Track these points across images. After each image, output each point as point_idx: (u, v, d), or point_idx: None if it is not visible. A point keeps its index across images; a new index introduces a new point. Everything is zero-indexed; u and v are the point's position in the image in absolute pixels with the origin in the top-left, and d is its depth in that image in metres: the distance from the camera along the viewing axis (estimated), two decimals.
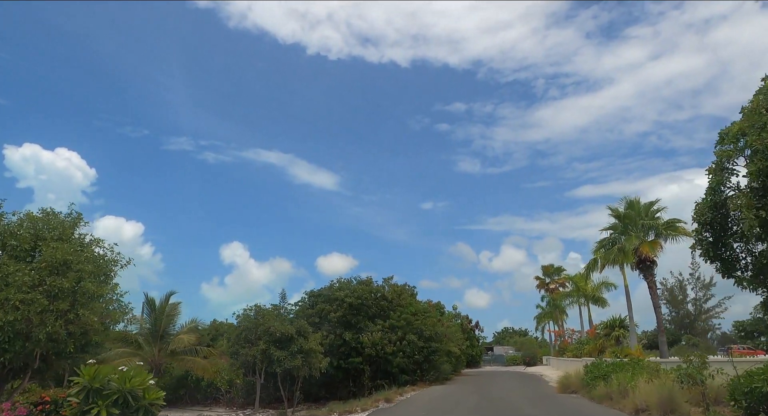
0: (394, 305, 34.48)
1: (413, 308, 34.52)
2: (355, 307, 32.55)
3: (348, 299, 32.31)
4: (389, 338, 32.08)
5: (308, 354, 24.14)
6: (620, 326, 36.07)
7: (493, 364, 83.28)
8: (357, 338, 31.53)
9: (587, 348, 41.50)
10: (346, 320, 32.43)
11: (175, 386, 33.90)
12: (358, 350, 31.49)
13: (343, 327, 32.20)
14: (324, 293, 33.79)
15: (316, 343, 24.65)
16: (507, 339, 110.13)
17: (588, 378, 21.42)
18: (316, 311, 32.89)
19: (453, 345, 37.50)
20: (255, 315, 28.01)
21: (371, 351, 31.22)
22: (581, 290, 47.82)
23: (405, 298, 35.04)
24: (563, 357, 56.05)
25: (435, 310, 37.04)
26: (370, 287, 33.82)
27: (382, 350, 31.60)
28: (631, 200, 26.91)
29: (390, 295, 34.54)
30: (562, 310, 67.54)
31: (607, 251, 26.77)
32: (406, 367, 31.83)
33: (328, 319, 32.02)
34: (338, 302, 32.74)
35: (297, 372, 24.22)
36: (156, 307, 31.53)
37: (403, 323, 33.04)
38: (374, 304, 33.86)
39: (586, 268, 33.73)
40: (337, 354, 31.24)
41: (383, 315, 33.96)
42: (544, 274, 75.89)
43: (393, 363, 31.34)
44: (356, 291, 32.91)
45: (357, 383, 32.24)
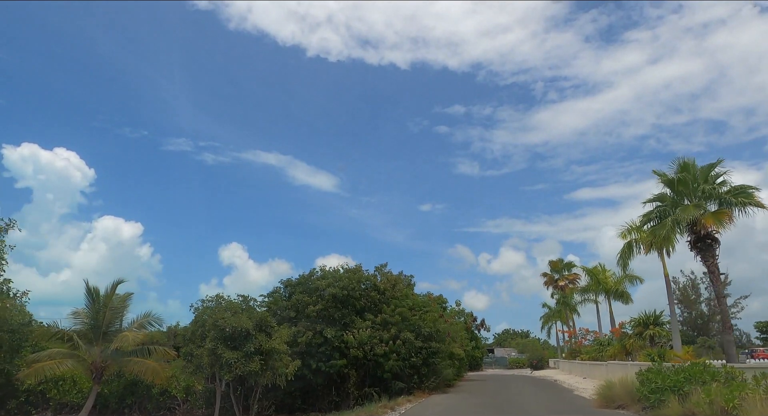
0: (387, 298, 28.77)
1: (410, 302, 28.82)
2: (339, 299, 26.83)
3: (331, 289, 26.61)
4: (380, 336, 26.37)
5: (269, 355, 18.41)
6: (655, 323, 30.48)
7: (494, 367, 78.92)
8: (341, 336, 25.80)
9: (611, 350, 35.81)
10: (328, 314, 26.70)
11: (121, 394, 28.12)
12: (342, 350, 25.78)
13: (325, 322, 26.48)
14: (302, 283, 28.06)
15: (280, 341, 18.91)
16: (508, 341, 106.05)
17: (646, 389, 15.77)
18: (292, 303, 27.16)
19: (456, 346, 31.81)
20: (215, 306, 22.34)
21: (358, 352, 25.50)
22: (601, 283, 42.13)
23: (400, 289, 29.34)
24: (576, 360, 50.47)
25: (436, 304, 31.41)
26: (359, 276, 28.09)
27: (371, 351, 25.90)
28: (685, 162, 21.15)
29: (382, 285, 28.82)
30: (572, 308, 61.92)
31: (656, 227, 21.10)
32: (401, 372, 26.13)
33: (306, 313, 26.30)
34: (319, 292, 27.01)
35: (255, 379, 18.53)
36: (99, 298, 25.79)
37: (397, 318, 27.34)
38: (363, 296, 28.15)
39: (621, 254, 28.01)
40: (316, 355, 25.53)
41: (374, 309, 28.25)
42: (552, 270, 70.31)
43: (384, 366, 25.65)
44: (341, 280, 27.19)
45: (341, 391, 26.52)
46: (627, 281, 41.29)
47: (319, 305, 26.27)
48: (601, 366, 35.62)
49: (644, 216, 22.85)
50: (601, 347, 40.79)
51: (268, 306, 27.57)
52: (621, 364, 29.41)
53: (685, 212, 20.16)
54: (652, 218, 22.32)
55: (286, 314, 26.86)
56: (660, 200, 22.61)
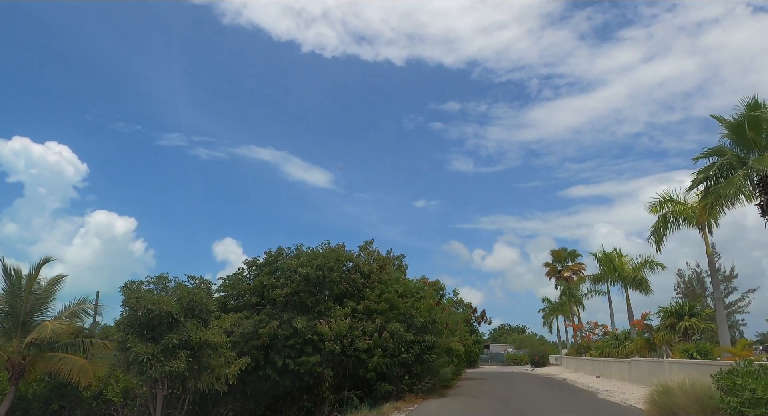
0: (373, 282, 23.79)
1: (401, 286, 23.84)
2: (313, 281, 21.81)
3: (303, 269, 21.56)
4: (363, 327, 21.43)
5: (202, 349, 13.38)
6: (691, 313, 25.74)
7: (491, 363, 75.16)
8: (314, 326, 20.80)
9: (632, 345, 31.07)
10: (299, 300, 21.69)
11: (47, 397, 22.90)
12: (316, 344, 20.80)
13: (295, 309, 21.47)
14: (270, 262, 23.01)
15: (219, 332, 13.79)
16: (504, 337, 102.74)
17: (736, 400, 10.92)
18: (255, 286, 22.13)
19: (455, 340, 26.90)
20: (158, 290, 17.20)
21: (334, 347, 20.54)
22: (617, 270, 37.33)
23: (389, 272, 24.37)
24: (583, 357, 45.78)
25: (432, 290, 26.53)
26: (338, 254, 23.07)
27: (351, 345, 20.95)
28: (755, 101, 16.12)
29: (367, 267, 23.83)
30: (578, 301, 57.28)
31: (717, 187, 16.22)
32: (388, 371, 21.20)
33: (271, 298, 21.28)
34: (288, 273, 21.98)
35: (182, 382, 13.50)
36: (20, 281, 20.71)
37: (384, 306, 22.40)
38: (344, 278, 23.16)
39: (654, 229, 23.24)
40: (283, 350, 20.56)
41: (356, 295, 23.29)
42: (555, 260, 65.73)
43: (368, 364, 20.72)
44: (316, 259, 22.17)
45: (314, 395, 21.54)
46: (647, 268, 36.52)
47: (288, 289, 21.24)
48: (621, 364, 30.83)
49: (698, 174, 17.95)
50: (617, 342, 36.02)
51: (225, 291, 22.54)
52: (652, 362, 24.63)
53: (763, 162, 15.29)
54: (710, 177, 17.46)
55: (246, 299, 21.83)
56: (718, 154, 17.78)
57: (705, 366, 18.10)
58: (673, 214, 23.64)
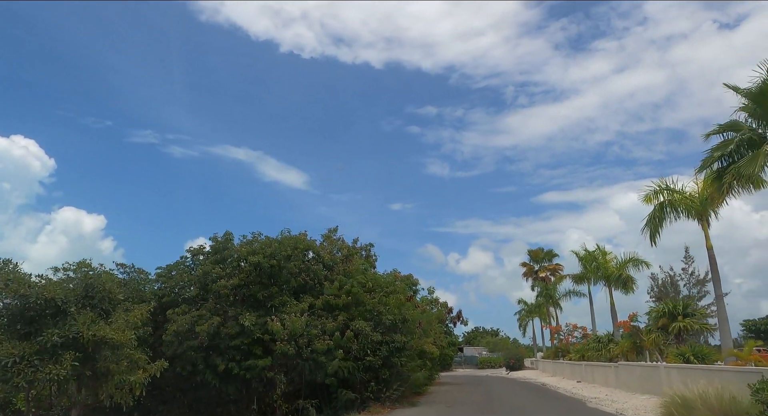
0: (336, 274, 20.84)
1: (368, 279, 20.91)
2: (266, 272, 18.77)
3: (253, 258, 18.48)
4: (322, 325, 18.45)
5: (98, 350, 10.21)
6: (684, 313, 23.59)
7: (465, 366, 72.80)
8: (264, 324, 17.72)
9: (618, 349, 28.78)
10: (248, 293, 18.61)
11: None
12: (266, 345, 17.74)
13: (243, 304, 18.38)
14: (217, 249, 19.83)
15: (121, 330, 10.53)
16: (478, 339, 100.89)
17: None
18: (196, 277, 18.94)
19: (429, 341, 24.10)
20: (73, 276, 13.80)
21: (288, 348, 17.50)
22: (601, 268, 35.18)
23: (356, 263, 21.42)
24: (562, 360, 43.63)
25: (405, 285, 23.67)
26: (296, 241, 20.04)
27: (308, 346, 17.95)
28: None
29: (329, 257, 20.87)
30: (555, 302, 55.26)
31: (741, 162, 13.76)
32: (351, 376, 18.25)
33: (214, 290, 18.13)
34: (236, 262, 18.87)
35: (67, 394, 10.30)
36: None
37: (348, 300, 19.48)
38: (302, 270, 20.13)
39: (650, 220, 20.98)
40: (226, 351, 17.47)
41: (315, 289, 20.30)
42: (532, 259, 63.73)
43: (327, 368, 17.74)
44: (270, 247, 19.12)
45: (264, 404, 18.45)
46: (631, 266, 34.44)
47: (236, 280, 18.13)
48: (606, 368, 28.52)
49: (713, 152, 15.52)
50: (600, 344, 33.80)
51: (162, 282, 19.28)
52: (645, 367, 22.29)
53: None
54: (725, 156, 15.07)
55: (186, 292, 18.62)
56: (733, 129, 15.47)
57: (714, 372, 15.71)
58: (671, 203, 21.42)
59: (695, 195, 21.88)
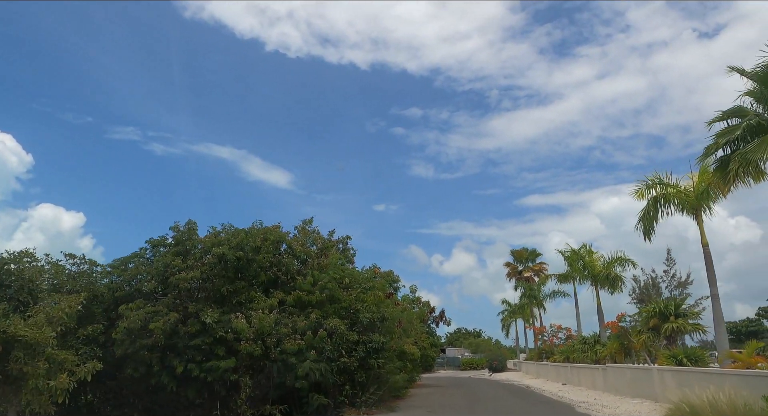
0: (310, 268, 19.29)
1: (344, 274, 19.39)
2: (231, 264, 17.13)
3: (218, 249, 16.84)
4: (293, 324, 16.88)
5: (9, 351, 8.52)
6: (676, 314, 22.57)
7: (447, 368, 71.82)
8: (228, 322, 16.09)
9: (606, 350, 27.72)
10: (212, 287, 17.01)
11: None
12: (230, 345, 16.11)
13: (205, 300, 16.74)
14: (180, 240, 18.12)
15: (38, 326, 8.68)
16: (460, 341, 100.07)
17: None
18: (155, 269, 17.22)
19: (409, 342, 22.67)
20: None
21: (253, 348, 15.90)
22: (587, 267, 34.17)
23: (332, 257, 19.87)
24: (546, 362, 42.62)
25: (384, 282, 22.13)
26: (266, 232, 18.43)
27: (277, 345, 16.37)
28: None
29: (302, 249, 19.31)
30: (540, 302, 54.37)
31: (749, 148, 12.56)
32: (323, 380, 16.69)
33: (174, 284, 16.44)
34: (199, 254, 17.22)
35: None
36: None
37: (322, 297, 17.94)
38: (275, 264, 18.54)
39: (643, 216, 19.98)
40: (185, 351, 15.81)
41: (287, 285, 18.72)
42: (516, 260, 62.81)
43: (298, 370, 16.17)
44: (236, 238, 17.50)
45: (227, 409, 16.78)
46: (618, 265, 33.49)
47: (197, 272, 16.46)
48: (593, 371, 27.40)
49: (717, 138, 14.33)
50: (586, 346, 32.78)
51: (117, 275, 17.52)
52: (636, 369, 21.13)
53: None
54: (731, 142, 13.90)
55: (143, 286, 16.90)
56: (737, 115, 14.35)
57: (714, 376, 14.56)
58: (665, 197, 20.35)
59: (690, 189, 20.90)
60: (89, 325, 15.49)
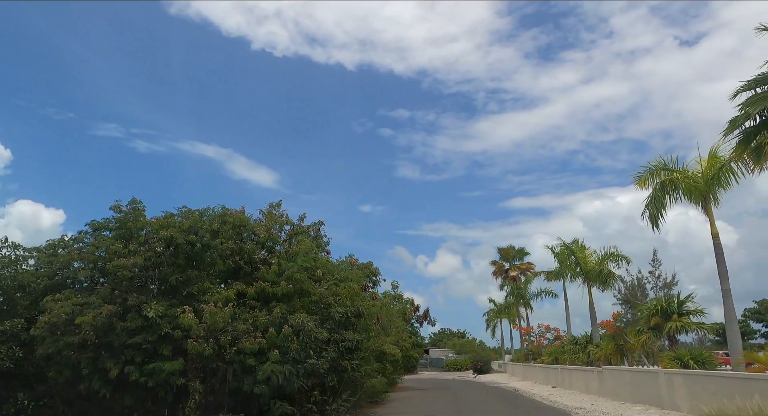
0: (277, 257, 16.97)
1: (316, 264, 17.07)
2: (183, 250, 14.74)
3: (165, 232, 14.43)
4: (253, 319, 14.56)
5: None
6: (679, 312, 20.76)
7: (430, 369, 70.22)
8: (174, 317, 13.69)
9: (600, 352, 25.85)
10: (157, 276, 14.56)
11: None
12: (178, 343, 13.73)
13: (149, 291, 14.31)
14: (121, 221, 15.64)
15: None
16: (444, 341, 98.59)
17: None
18: (92, 256, 14.74)
19: (389, 341, 20.44)
20: None
21: (204, 347, 13.54)
22: (580, 264, 32.32)
23: (303, 245, 17.50)
24: (533, 363, 40.85)
25: (362, 274, 19.78)
26: (224, 214, 16.07)
27: (233, 344, 14.04)
28: None
29: (266, 235, 16.99)
30: (527, 302, 52.60)
31: None
32: (288, 384, 14.38)
33: (111, 272, 14.00)
34: (144, 238, 14.80)
35: None
36: None
37: (289, 289, 15.65)
38: (236, 251, 16.19)
39: (650, 203, 18.16)
40: (123, 351, 13.39)
41: (251, 275, 16.38)
42: (503, 258, 60.94)
43: (257, 373, 13.86)
44: (188, 220, 15.12)
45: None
46: (611, 262, 31.67)
47: (138, 259, 14.02)
48: (587, 373, 25.49)
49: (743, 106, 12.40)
50: (577, 347, 30.94)
51: (45, 262, 15.00)
52: (638, 372, 19.18)
53: None
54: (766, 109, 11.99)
55: (76, 274, 14.43)
56: (766, 83, 12.43)
57: (737, 381, 12.63)
58: (672, 182, 18.48)
59: (698, 175, 19.07)
60: (8, 320, 13.03)
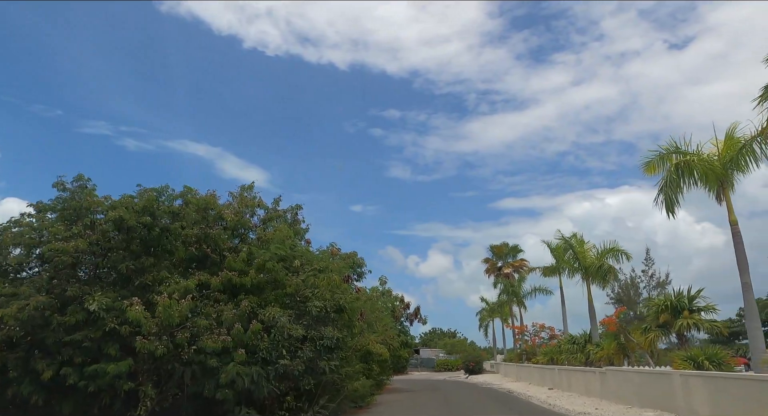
0: (248, 244, 15.04)
1: (294, 253, 15.14)
2: (138, 236, 12.76)
3: (114, 213, 12.45)
4: (217, 314, 12.64)
5: None
6: (690, 308, 19.13)
7: (421, 369, 68.64)
8: (122, 310, 11.73)
9: (601, 352, 24.16)
10: (105, 263, 12.58)
11: None
12: (125, 341, 11.77)
13: (96, 281, 12.33)
14: (65, 201, 13.61)
15: None
16: (435, 341, 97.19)
17: None
18: (27, 239, 12.73)
19: (374, 340, 18.54)
20: None
21: (155, 346, 11.58)
22: (578, 257, 30.65)
23: (278, 231, 15.56)
24: (527, 363, 39.18)
25: (345, 265, 17.76)
26: (187, 193, 14.14)
27: (191, 343, 12.10)
28: None
29: (234, 219, 15.04)
30: (520, 300, 50.98)
31: None
32: (256, 388, 12.48)
33: (48, 257, 12.01)
34: (90, 219, 12.81)
35: None
36: None
37: (260, 279, 13.75)
38: (203, 237, 14.24)
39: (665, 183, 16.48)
40: (61, 349, 11.41)
41: (215, 264, 14.44)
42: (495, 256, 59.36)
43: (219, 376, 11.94)
44: (143, 200, 13.15)
45: None
46: (611, 257, 30.04)
47: (80, 243, 12.04)
48: (589, 374, 23.73)
49: None
50: (576, 346, 29.29)
51: None
52: (648, 374, 17.47)
53: None
54: None
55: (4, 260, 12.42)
56: None
57: None
58: (687, 164, 16.83)
59: (713, 157, 17.44)
60: None
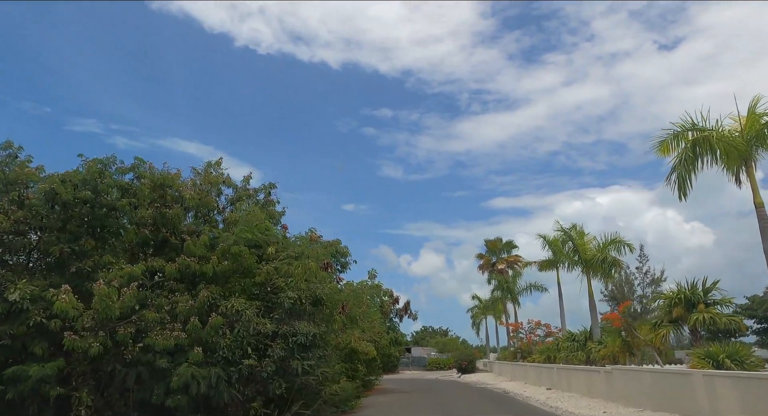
0: (212, 228, 13.10)
1: (262, 237, 13.19)
2: (78, 214, 10.76)
3: (44, 185, 10.47)
4: (172, 304, 10.70)
5: None
6: (706, 301, 17.46)
7: (412, 368, 66.99)
8: (50, 300, 9.75)
9: (605, 350, 22.45)
10: (37, 247, 10.58)
11: None
12: (56, 337, 9.78)
13: (20, 266, 10.35)
14: None
15: None
16: (427, 339, 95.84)
17: None
18: None
19: (357, 336, 16.64)
20: None
21: (88, 344, 9.62)
22: (579, 251, 28.93)
23: (252, 215, 13.58)
24: (523, 362, 37.49)
25: (324, 251, 15.69)
26: (138, 167, 12.17)
27: (136, 339, 10.15)
28: None
29: (195, 198, 13.06)
30: (515, 297, 49.31)
31: None
32: (215, 393, 10.56)
33: None
34: (17, 192, 10.81)
35: None
36: None
37: (224, 267, 11.81)
38: (155, 218, 12.26)
39: (679, 163, 14.76)
40: None
41: (174, 249, 12.48)
42: (489, 251, 57.70)
43: (171, 379, 10.01)
44: (85, 172, 11.16)
45: None
46: (613, 249, 28.34)
47: (5, 222, 10.05)
48: (592, 374, 21.92)
49: None
50: (576, 344, 27.60)
51: None
52: (663, 374, 15.73)
53: None
54: None
55: None
56: None
57: None
58: (706, 140, 15.13)
59: (735, 133, 15.74)
60: None
